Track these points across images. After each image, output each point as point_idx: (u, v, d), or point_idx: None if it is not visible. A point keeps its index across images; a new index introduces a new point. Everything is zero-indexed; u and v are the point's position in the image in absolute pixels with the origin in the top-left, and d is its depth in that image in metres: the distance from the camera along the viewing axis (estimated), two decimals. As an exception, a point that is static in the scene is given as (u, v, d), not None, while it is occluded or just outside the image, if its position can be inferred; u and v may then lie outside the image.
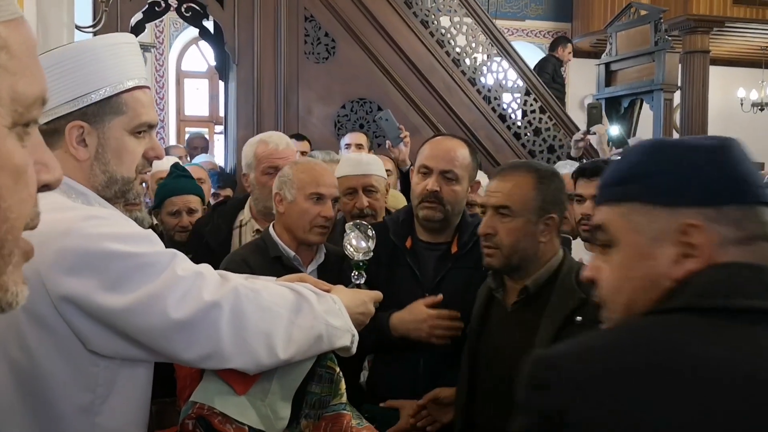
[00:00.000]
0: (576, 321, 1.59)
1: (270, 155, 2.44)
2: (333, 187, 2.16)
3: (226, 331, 1.14)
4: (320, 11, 4.94)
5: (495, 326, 1.80)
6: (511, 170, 1.77)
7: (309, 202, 2.10)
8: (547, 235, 1.72)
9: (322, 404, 1.36)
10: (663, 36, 6.28)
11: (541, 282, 1.72)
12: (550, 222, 1.72)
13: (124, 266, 1.09)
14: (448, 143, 2.10)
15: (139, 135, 1.26)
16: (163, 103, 9.20)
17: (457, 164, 2.03)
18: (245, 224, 2.49)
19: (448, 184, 2.02)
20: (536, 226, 1.71)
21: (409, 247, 2.10)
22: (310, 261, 2.18)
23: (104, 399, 1.14)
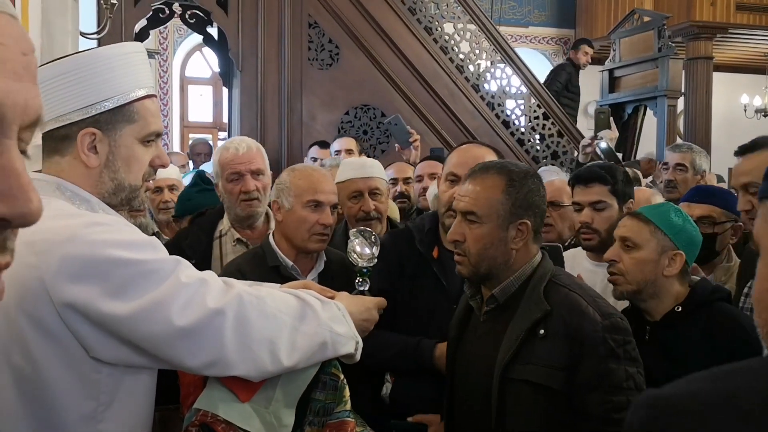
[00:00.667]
0: (539, 334, 1.52)
1: (231, 161, 2.34)
2: (331, 194, 2.10)
3: (230, 338, 1.14)
4: (324, 18, 4.95)
5: (469, 335, 1.73)
6: (481, 172, 1.65)
7: (307, 209, 2.05)
8: (519, 242, 1.61)
9: (326, 411, 1.35)
10: (666, 42, 6.28)
11: (510, 291, 1.62)
12: (523, 228, 1.60)
13: (127, 273, 1.08)
14: (477, 151, 2.02)
15: (147, 144, 1.27)
16: (167, 110, 9.24)
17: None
18: (225, 234, 2.42)
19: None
20: (506, 232, 1.60)
21: (436, 257, 2.01)
22: (310, 269, 2.14)
23: (107, 406, 1.13)
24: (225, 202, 2.40)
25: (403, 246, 2.06)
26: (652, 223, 1.81)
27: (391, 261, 2.02)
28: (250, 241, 2.38)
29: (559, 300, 1.56)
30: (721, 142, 8.54)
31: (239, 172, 2.32)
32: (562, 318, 1.52)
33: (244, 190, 2.31)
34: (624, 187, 2.27)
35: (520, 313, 1.58)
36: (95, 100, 1.19)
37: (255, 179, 2.33)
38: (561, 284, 1.60)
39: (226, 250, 2.39)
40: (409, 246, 2.05)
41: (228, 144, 2.42)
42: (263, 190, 2.35)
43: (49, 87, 1.17)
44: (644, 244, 1.80)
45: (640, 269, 1.80)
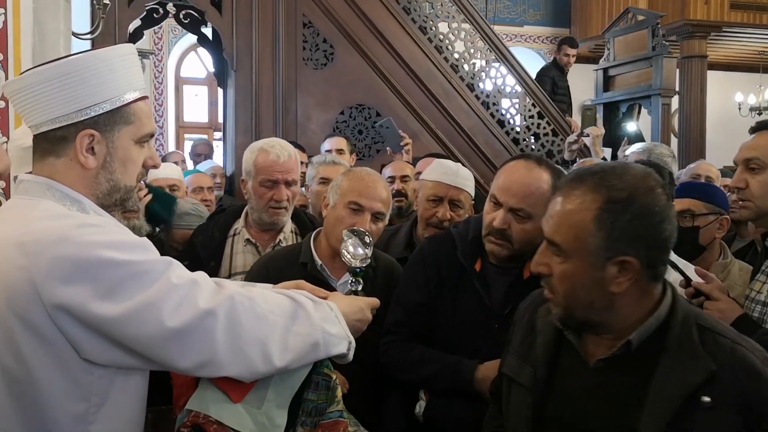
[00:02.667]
0: (703, 402, 1.15)
1: (270, 167, 2.26)
2: (377, 202, 1.99)
3: (222, 339, 1.14)
4: (318, 17, 4.95)
5: (569, 383, 1.30)
6: (569, 187, 1.24)
7: (346, 210, 1.98)
8: (623, 283, 1.20)
9: (319, 411, 1.35)
10: (660, 41, 6.29)
11: (645, 337, 1.23)
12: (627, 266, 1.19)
13: (118, 274, 1.08)
14: (525, 175, 1.79)
15: (142, 145, 1.28)
16: (162, 110, 9.21)
17: (531, 201, 1.75)
18: (238, 233, 2.39)
19: (520, 222, 1.78)
20: (602, 271, 1.19)
21: (479, 270, 1.87)
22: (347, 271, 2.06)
23: (99, 408, 1.13)
24: (251, 202, 2.35)
25: (443, 255, 1.92)
26: None
27: (429, 271, 1.92)
28: (258, 243, 2.35)
29: (724, 356, 1.18)
30: (715, 141, 8.57)
31: (275, 180, 2.26)
32: (733, 382, 1.16)
33: (276, 198, 2.26)
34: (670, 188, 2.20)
35: (667, 370, 1.19)
36: (93, 102, 1.19)
37: (288, 189, 2.28)
38: (718, 332, 1.22)
39: (236, 249, 2.37)
40: (450, 255, 1.90)
41: (269, 147, 2.31)
42: (292, 200, 2.32)
43: (45, 89, 1.17)
44: None
45: None
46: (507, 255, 1.81)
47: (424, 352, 1.89)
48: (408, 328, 1.93)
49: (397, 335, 1.94)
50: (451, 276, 1.89)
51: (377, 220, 2.00)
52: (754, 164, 1.78)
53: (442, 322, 1.89)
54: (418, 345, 1.92)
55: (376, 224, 2.00)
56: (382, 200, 2.01)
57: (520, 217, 1.77)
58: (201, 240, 2.39)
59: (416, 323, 1.93)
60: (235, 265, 2.35)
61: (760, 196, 1.76)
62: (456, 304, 1.87)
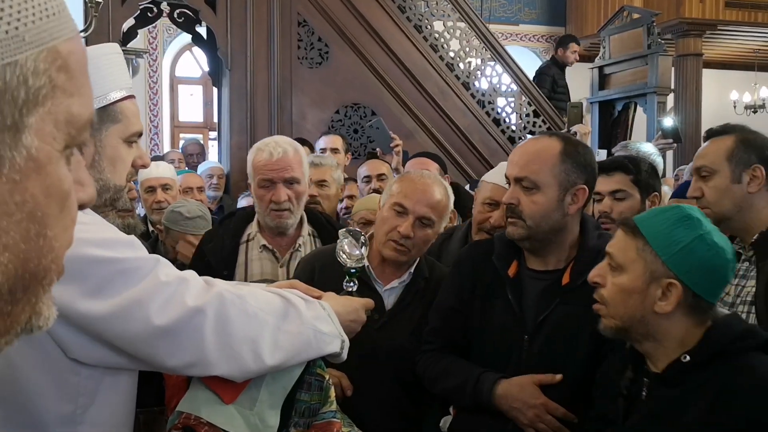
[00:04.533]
0: None
1: (264, 166, 2.11)
2: (422, 206, 1.86)
3: (211, 338, 1.12)
4: (313, 16, 4.93)
5: None
6: None
7: (391, 212, 1.87)
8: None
9: (312, 412, 1.34)
10: (656, 39, 6.29)
11: None
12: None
13: (105, 272, 1.07)
14: (529, 144, 1.74)
15: (130, 144, 1.27)
16: (157, 110, 9.18)
17: (534, 168, 1.64)
18: (252, 239, 2.22)
19: (528, 194, 1.65)
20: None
21: (513, 276, 1.73)
22: (393, 278, 1.93)
23: (86, 409, 1.12)
24: (256, 207, 2.21)
25: (480, 259, 1.80)
26: (642, 237, 1.33)
27: (464, 276, 1.81)
28: (277, 249, 2.19)
29: None
30: (711, 139, 8.57)
31: (271, 179, 2.10)
32: None
33: (275, 199, 2.10)
34: (648, 178, 2.17)
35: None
36: None
37: (288, 188, 2.11)
38: None
39: (251, 256, 2.20)
40: (485, 259, 1.78)
41: (263, 145, 2.18)
42: (297, 200, 2.14)
43: None
44: (628, 266, 1.33)
45: (623, 300, 1.34)
46: (522, 235, 1.66)
47: (451, 363, 1.77)
48: (442, 336, 1.83)
49: (431, 344, 1.84)
50: (483, 283, 1.76)
51: (424, 225, 1.87)
52: (704, 171, 1.81)
53: (475, 330, 1.77)
54: (448, 355, 1.80)
55: (423, 230, 1.87)
56: (430, 205, 1.87)
57: (526, 188, 1.65)
58: (211, 248, 2.22)
59: (450, 330, 1.82)
60: (251, 273, 2.18)
61: (714, 202, 1.78)
62: (486, 311, 1.75)
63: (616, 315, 1.36)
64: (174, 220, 2.74)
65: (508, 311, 1.71)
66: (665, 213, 1.36)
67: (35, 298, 0.52)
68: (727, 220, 1.78)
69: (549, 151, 1.65)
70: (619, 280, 1.34)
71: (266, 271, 2.17)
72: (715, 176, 1.80)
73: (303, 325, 1.24)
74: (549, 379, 1.63)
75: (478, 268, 1.79)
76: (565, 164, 1.64)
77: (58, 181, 0.50)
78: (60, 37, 0.49)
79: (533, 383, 1.63)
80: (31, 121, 0.47)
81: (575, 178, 1.65)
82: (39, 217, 0.49)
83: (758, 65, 10.59)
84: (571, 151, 1.66)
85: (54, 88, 0.48)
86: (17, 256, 0.48)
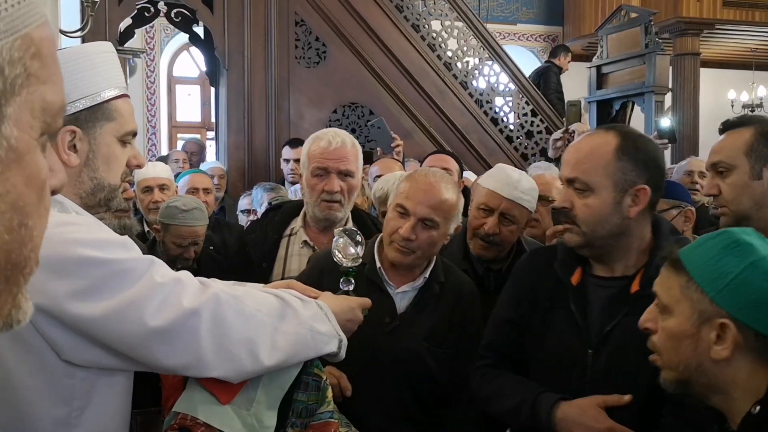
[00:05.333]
0: None
1: (320, 154, 2.05)
2: (424, 207, 1.77)
3: (207, 339, 1.12)
4: (311, 16, 4.93)
5: None
6: None
7: (394, 213, 1.81)
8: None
9: (309, 412, 1.33)
10: (653, 39, 6.30)
11: None
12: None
13: (99, 273, 1.06)
14: (584, 141, 1.56)
15: (124, 143, 1.26)
16: (155, 109, 9.17)
17: (586, 167, 1.48)
18: (295, 233, 2.15)
19: (580, 197, 1.50)
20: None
21: (576, 284, 1.56)
22: (409, 281, 1.85)
23: (81, 411, 1.11)
24: (305, 198, 2.15)
25: (541, 267, 1.65)
26: (685, 272, 1.13)
27: (522, 286, 1.67)
28: (318, 246, 2.10)
29: None
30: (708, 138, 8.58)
31: (326, 168, 2.05)
32: None
33: (328, 189, 2.04)
34: None
35: None
36: (74, 98, 1.18)
37: (341, 179, 2.05)
38: None
39: (292, 250, 2.14)
40: (546, 267, 1.62)
41: (321, 134, 2.14)
42: (348, 194, 2.08)
43: None
44: (675, 307, 1.14)
45: (674, 347, 1.15)
46: (580, 242, 1.51)
47: (506, 381, 1.62)
48: (497, 350, 1.69)
49: (485, 359, 1.69)
50: (544, 291, 1.60)
51: (427, 227, 1.77)
52: (721, 167, 1.69)
53: (534, 344, 1.61)
54: (504, 372, 1.65)
55: (427, 232, 1.77)
56: (432, 205, 1.77)
57: (578, 190, 1.49)
58: (253, 239, 2.17)
59: (506, 344, 1.67)
60: (289, 269, 2.12)
61: (732, 200, 1.68)
62: (547, 323, 1.58)
63: (670, 365, 1.16)
64: (170, 215, 2.71)
65: (570, 322, 1.53)
66: (710, 241, 1.15)
67: (16, 289, 0.51)
68: (747, 219, 1.66)
69: (603, 149, 1.48)
70: (668, 324, 1.15)
71: (304, 267, 2.09)
72: (733, 172, 1.67)
73: (300, 325, 1.23)
74: (616, 401, 1.43)
75: (538, 277, 1.63)
76: (622, 162, 1.47)
77: (37, 170, 0.50)
78: (32, 23, 0.48)
79: (597, 405, 1.44)
80: (9, 111, 0.46)
81: (634, 177, 1.48)
82: (21, 207, 0.48)
83: (756, 64, 10.60)
84: (629, 147, 1.48)
85: (29, 77, 0.48)
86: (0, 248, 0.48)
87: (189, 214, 2.72)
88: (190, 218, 2.72)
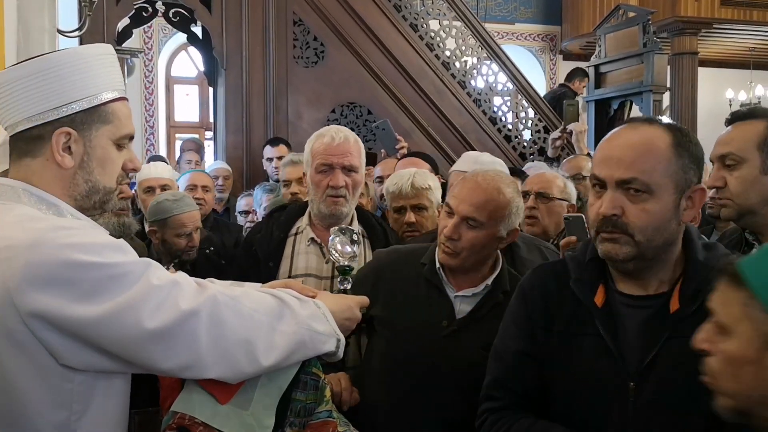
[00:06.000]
0: None
1: (324, 150, 2.08)
2: (466, 205, 1.70)
3: (205, 340, 1.12)
4: (309, 15, 4.92)
5: None
6: None
7: (444, 212, 1.78)
8: None
9: (308, 412, 1.33)
10: (651, 38, 6.30)
11: None
12: None
13: (95, 277, 1.06)
14: (632, 134, 1.29)
15: (120, 147, 1.25)
16: (153, 110, 9.16)
17: (645, 167, 1.25)
18: (301, 232, 2.17)
19: (635, 202, 1.26)
20: None
21: (601, 305, 1.33)
22: (469, 285, 1.76)
23: (81, 415, 1.11)
24: (310, 195, 2.17)
25: (553, 286, 1.41)
26: (746, 288, 0.97)
27: (533, 310, 1.41)
28: (325, 244, 2.04)
29: None
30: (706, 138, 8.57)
31: (330, 164, 2.08)
32: None
33: (332, 184, 2.07)
34: None
35: None
36: (70, 99, 1.17)
37: (346, 175, 2.08)
38: None
39: (298, 249, 2.15)
40: (559, 287, 1.40)
41: (324, 131, 2.17)
42: (353, 189, 2.11)
43: (21, 86, 1.15)
44: (734, 327, 0.99)
45: (733, 373, 1.00)
46: (628, 254, 1.27)
47: (529, 428, 1.36)
48: (509, 390, 1.43)
49: (496, 401, 1.44)
50: (563, 316, 1.37)
51: (471, 227, 1.70)
52: (730, 160, 1.62)
53: (556, 379, 1.37)
54: (523, 416, 1.39)
55: (471, 231, 1.70)
56: (474, 204, 1.69)
57: (633, 193, 1.25)
58: (259, 238, 2.17)
59: (521, 381, 1.41)
60: (296, 267, 2.12)
61: (739, 194, 1.61)
62: (572, 353, 1.34)
63: (728, 392, 1.01)
64: (164, 209, 2.66)
65: (601, 351, 1.30)
66: None
67: None
68: (752, 214, 1.61)
69: (659, 144, 1.27)
70: (727, 347, 0.99)
71: (311, 266, 2.12)
72: (743, 165, 1.60)
73: (298, 325, 1.23)
74: None
75: (551, 298, 1.40)
76: (682, 159, 1.27)
77: None
78: None
79: None
80: None
81: (692, 177, 1.29)
82: None
83: (754, 63, 10.61)
84: (685, 143, 1.29)
85: None
86: None
87: (181, 202, 2.70)
88: (183, 205, 2.69)
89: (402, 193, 2.47)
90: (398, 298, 1.77)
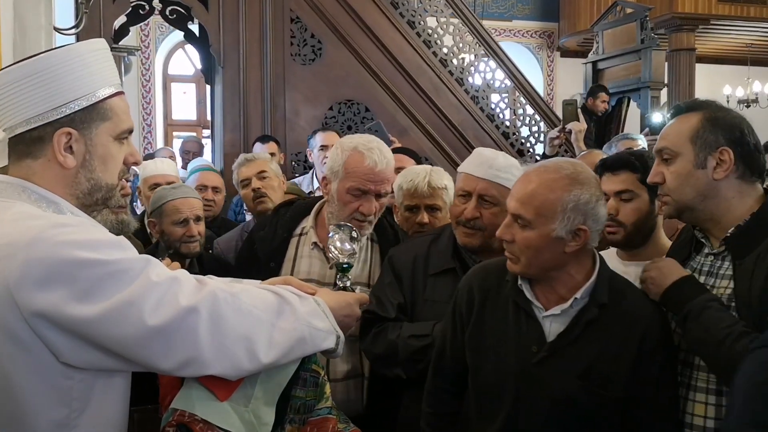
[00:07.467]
0: None
1: (364, 175, 1.93)
2: (513, 200, 1.56)
3: (205, 337, 1.11)
4: (306, 13, 4.91)
5: None
6: None
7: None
8: None
9: (307, 408, 1.34)
10: (649, 34, 6.31)
11: None
12: None
13: (95, 274, 1.05)
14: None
15: (121, 141, 1.25)
16: (150, 108, 9.15)
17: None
18: (306, 233, 2.08)
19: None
20: None
21: None
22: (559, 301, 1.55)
23: (80, 413, 1.11)
24: (331, 206, 2.01)
25: None
26: None
27: None
28: None
29: None
30: (704, 133, 8.60)
31: (366, 191, 1.94)
32: None
33: (364, 211, 1.95)
34: None
35: None
36: (68, 99, 1.17)
37: (378, 201, 1.98)
38: None
39: (301, 252, 2.07)
40: None
41: (365, 149, 1.95)
42: (379, 212, 2.03)
43: (18, 88, 1.15)
44: None
45: None
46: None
47: None
48: None
49: None
50: None
51: (521, 227, 1.53)
52: (666, 154, 1.59)
53: None
54: None
55: (524, 231, 1.52)
56: (519, 199, 1.54)
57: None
58: (261, 236, 2.08)
59: None
60: (298, 270, 2.03)
61: (674, 189, 1.57)
62: None
63: None
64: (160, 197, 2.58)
65: None
66: None
67: None
68: (690, 210, 1.58)
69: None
70: None
71: (314, 270, 2.04)
72: (677, 159, 1.57)
73: (297, 322, 1.23)
74: None
75: None
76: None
77: None
78: None
79: None
80: None
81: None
82: None
83: (751, 60, 10.63)
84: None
85: None
86: None
87: (178, 190, 2.63)
88: (180, 193, 2.60)
89: (417, 192, 2.35)
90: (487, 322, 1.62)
